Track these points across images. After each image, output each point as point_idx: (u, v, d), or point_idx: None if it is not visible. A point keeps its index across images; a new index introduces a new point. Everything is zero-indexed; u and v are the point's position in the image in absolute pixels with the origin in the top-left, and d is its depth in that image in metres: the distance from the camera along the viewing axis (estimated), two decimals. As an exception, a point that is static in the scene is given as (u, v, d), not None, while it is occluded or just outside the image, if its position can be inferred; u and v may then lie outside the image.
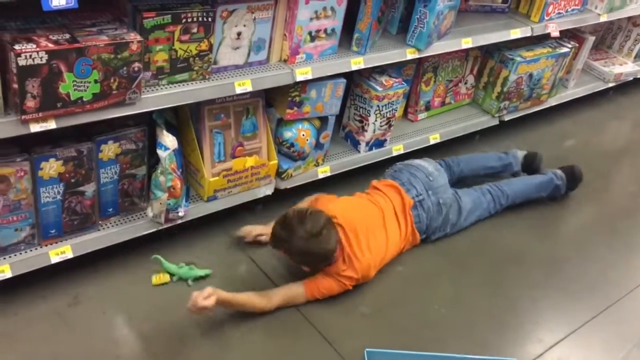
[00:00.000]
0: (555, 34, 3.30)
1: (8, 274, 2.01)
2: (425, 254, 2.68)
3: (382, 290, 2.46)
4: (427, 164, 2.77)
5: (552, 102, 3.78)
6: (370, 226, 2.45)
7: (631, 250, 2.95)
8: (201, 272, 2.36)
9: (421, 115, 3.28)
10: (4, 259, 2.02)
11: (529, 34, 3.20)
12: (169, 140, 2.13)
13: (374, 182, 2.72)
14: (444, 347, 2.22)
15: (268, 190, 2.61)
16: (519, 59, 3.27)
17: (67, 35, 1.78)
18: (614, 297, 2.61)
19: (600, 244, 2.93)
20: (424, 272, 2.61)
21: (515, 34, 3.13)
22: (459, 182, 2.99)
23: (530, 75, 3.40)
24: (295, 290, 2.32)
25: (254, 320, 2.25)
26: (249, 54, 2.29)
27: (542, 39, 3.45)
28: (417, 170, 2.72)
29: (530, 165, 3.14)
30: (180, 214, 2.32)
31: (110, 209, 2.23)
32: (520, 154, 3.18)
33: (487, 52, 3.37)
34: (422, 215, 2.61)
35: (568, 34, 3.72)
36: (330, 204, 2.48)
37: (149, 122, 2.21)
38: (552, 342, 2.36)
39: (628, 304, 2.60)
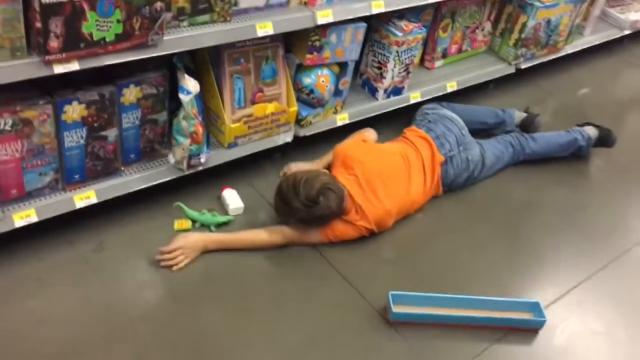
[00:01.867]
0: (575, -22, 3.23)
1: (34, 218, 2.00)
2: (444, 202, 2.67)
3: (404, 236, 2.47)
4: (458, 117, 2.75)
5: (568, 49, 3.72)
6: (391, 176, 2.45)
7: (648, 197, 2.96)
8: (223, 219, 2.35)
9: (438, 63, 3.23)
10: (29, 203, 2.01)
11: (548, -22, 3.13)
12: (191, 84, 2.10)
13: (407, 131, 2.70)
14: (465, 291, 2.23)
15: (288, 138, 2.59)
16: (538, 4, 3.20)
17: (89, -27, 1.73)
18: (632, 241, 2.62)
19: (617, 190, 2.92)
20: (444, 219, 2.61)
21: (535, -23, 3.07)
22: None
23: (549, 22, 3.33)
24: (313, 237, 2.33)
25: (279, 266, 2.26)
26: (269, -4, 2.24)
27: (560, -16, 3.37)
28: (451, 123, 2.70)
29: (527, 129, 3.04)
30: (202, 160, 2.30)
31: (132, 155, 2.21)
32: (518, 115, 3.09)
33: (505, -3, 3.31)
34: (450, 171, 2.61)
35: (586, -21, 3.64)
36: (356, 151, 2.50)
37: (168, 67, 2.17)
38: (571, 285, 2.37)
39: (646, 249, 2.62)
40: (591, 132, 3.01)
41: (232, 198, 2.43)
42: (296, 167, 2.59)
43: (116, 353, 1.90)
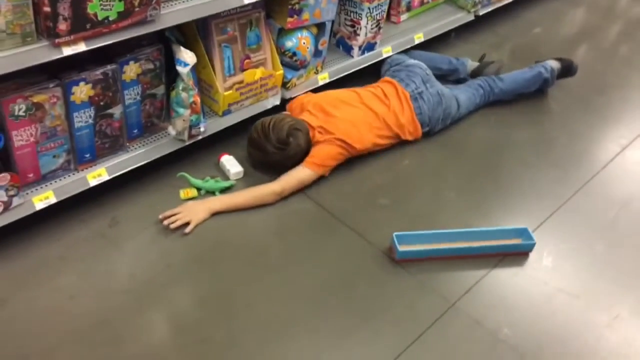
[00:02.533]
0: None
1: (53, 200, 2.07)
2: (425, 147, 2.84)
3: (395, 183, 2.64)
4: (422, 64, 2.91)
5: (520, -6, 3.93)
6: (341, 100, 2.67)
7: (608, 122, 3.21)
8: (226, 184, 2.46)
9: (403, 17, 3.37)
10: (46, 185, 2.07)
11: None
12: (188, 56, 2.17)
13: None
14: (458, 225, 2.42)
15: (276, 101, 2.69)
16: (491, -48, 3.37)
17: (89, -46, 1.78)
18: (599, 166, 2.87)
19: (582, 121, 3.16)
20: (428, 163, 2.79)
21: None
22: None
23: (502, -32, 3.51)
24: (302, 172, 2.47)
25: (285, 224, 2.40)
26: (250, -36, 2.31)
27: None
28: (414, 68, 2.86)
29: (478, 75, 3.20)
30: (202, 129, 2.39)
31: (135, 130, 2.28)
32: (471, 64, 3.25)
33: (459, -52, 3.45)
34: (423, 106, 2.76)
35: None
36: (307, 97, 2.72)
37: (161, 41, 2.23)
38: (551, 210, 2.59)
39: (611, 173, 2.86)
40: (553, 64, 3.22)
41: (231, 163, 2.53)
42: None
43: (149, 317, 2.01)
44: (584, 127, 3.13)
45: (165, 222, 2.25)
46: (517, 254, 2.37)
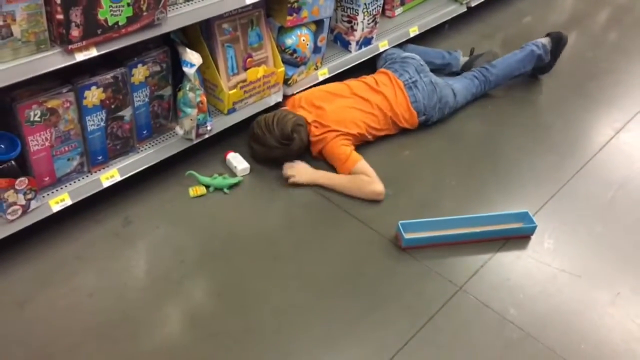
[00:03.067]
0: None
1: (68, 202, 2.13)
2: (425, 137, 2.92)
3: (398, 173, 2.70)
4: (416, 55, 2.99)
5: (510, -16, 4.00)
6: (331, 93, 2.76)
7: (601, 107, 3.28)
8: (234, 180, 2.52)
9: (398, 11, 3.43)
10: (62, 188, 2.13)
11: None
12: (194, 57, 2.22)
13: None
14: (461, 212, 2.49)
15: (278, 97, 2.76)
16: (481, -56, 3.43)
17: (97, -38, 1.83)
18: (594, 150, 2.95)
19: (576, 107, 3.24)
20: (429, 153, 2.85)
21: None
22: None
23: (492, -40, 3.57)
24: (356, 171, 2.58)
25: (294, 217, 2.47)
26: (250, -35, 2.36)
27: None
28: (408, 59, 2.96)
29: (470, 68, 3.25)
30: (209, 128, 2.45)
31: (145, 132, 2.34)
32: (462, 59, 3.32)
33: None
34: (418, 95, 2.83)
35: None
36: (298, 95, 2.79)
37: (166, 43, 2.28)
38: (550, 194, 2.67)
39: (606, 155, 2.93)
40: (543, 40, 3.28)
41: (238, 160, 2.59)
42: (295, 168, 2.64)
43: (165, 311, 2.07)
44: (578, 113, 3.21)
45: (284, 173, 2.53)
46: (519, 238, 2.44)
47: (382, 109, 2.76)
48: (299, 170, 2.56)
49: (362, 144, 2.76)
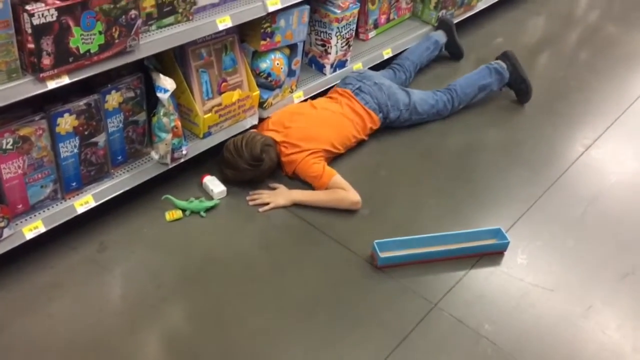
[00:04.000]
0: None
1: (42, 229, 2.12)
2: (400, 156, 2.97)
3: (374, 193, 2.73)
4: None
5: (481, 5, 4.09)
6: (296, 112, 2.85)
7: (571, 124, 3.36)
8: (211, 203, 2.54)
9: (371, 34, 3.50)
10: (35, 216, 2.13)
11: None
12: (168, 82, 2.25)
13: None
14: (436, 229, 2.52)
15: (254, 120, 2.79)
16: (450, -32, 3.52)
17: (68, -8, 1.86)
18: (564, 167, 3.01)
19: (547, 124, 3.31)
20: (404, 172, 2.90)
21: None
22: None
23: (462, -17, 3.67)
24: (334, 186, 2.63)
25: (270, 238, 2.48)
26: (222, -8, 2.41)
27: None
28: (351, 74, 3.14)
29: (449, 27, 3.60)
30: (184, 152, 2.47)
31: (120, 157, 2.35)
32: (439, 33, 3.61)
33: (421, -34, 3.60)
34: (366, 97, 2.96)
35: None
36: (266, 120, 2.85)
37: (140, 69, 2.31)
38: (522, 211, 2.71)
39: (577, 171, 2.99)
40: (494, 62, 3.39)
41: (214, 184, 2.61)
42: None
43: (142, 336, 2.07)
44: (549, 130, 3.28)
45: (248, 199, 2.58)
46: (493, 254, 2.48)
47: (345, 115, 2.87)
48: (274, 194, 2.62)
49: (337, 160, 2.81)
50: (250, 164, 2.56)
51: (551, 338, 2.18)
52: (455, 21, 3.87)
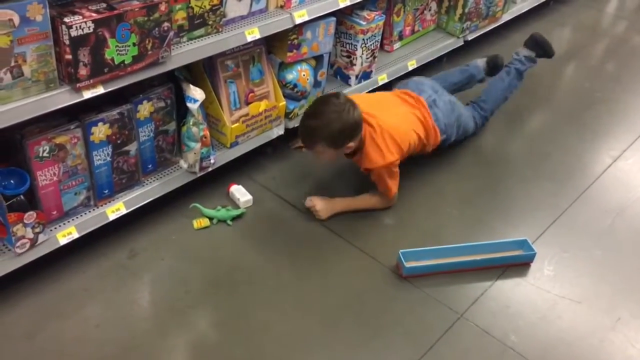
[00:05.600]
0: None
1: (75, 235, 2.17)
2: (423, 167, 2.97)
3: (399, 203, 2.74)
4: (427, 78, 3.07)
5: (506, 17, 4.09)
6: (380, 102, 2.77)
7: (598, 136, 3.34)
8: (237, 212, 2.57)
9: (396, 45, 3.52)
10: (69, 222, 2.18)
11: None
12: (197, 93, 2.30)
13: None
14: (461, 240, 2.53)
15: (280, 131, 2.82)
16: (475, -20, 3.54)
17: (104, 5, 1.92)
18: (592, 179, 2.99)
19: (573, 136, 3.30)
20: (430, 183, 2.90)
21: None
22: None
23: (487, -6, 3.69)
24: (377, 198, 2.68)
25: (295, 246, 2.50)
26: (251, 4, 2.45)
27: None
28: (422, 79, 3.01)
29: (494, 69, 3.31)
30: (212, 161, 2.51)
31: (150, 165, 2.40)
32: (481, 61, 3.35)
33: (446, -22, 3.63)
34: (438, 113, 2.79)
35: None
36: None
37: (171, 80, 2.37)
38: (549, 222, 2.71)
39: (604, 183, 2.98)
40: (523, 52, 3.33)
41: (241, 192, 2.65)
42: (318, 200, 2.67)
43: (171, 341, 2.10)
44: (575, 142, 3.26)
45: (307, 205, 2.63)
46: (519, 265, 2.47)
47: (424, 124, 2.73)
48: (322, 210, 2.60)
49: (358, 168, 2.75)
50: (338, 110, 2.40)
51: (578, 350, 2.16)
52: (480, 33, 3.90)
